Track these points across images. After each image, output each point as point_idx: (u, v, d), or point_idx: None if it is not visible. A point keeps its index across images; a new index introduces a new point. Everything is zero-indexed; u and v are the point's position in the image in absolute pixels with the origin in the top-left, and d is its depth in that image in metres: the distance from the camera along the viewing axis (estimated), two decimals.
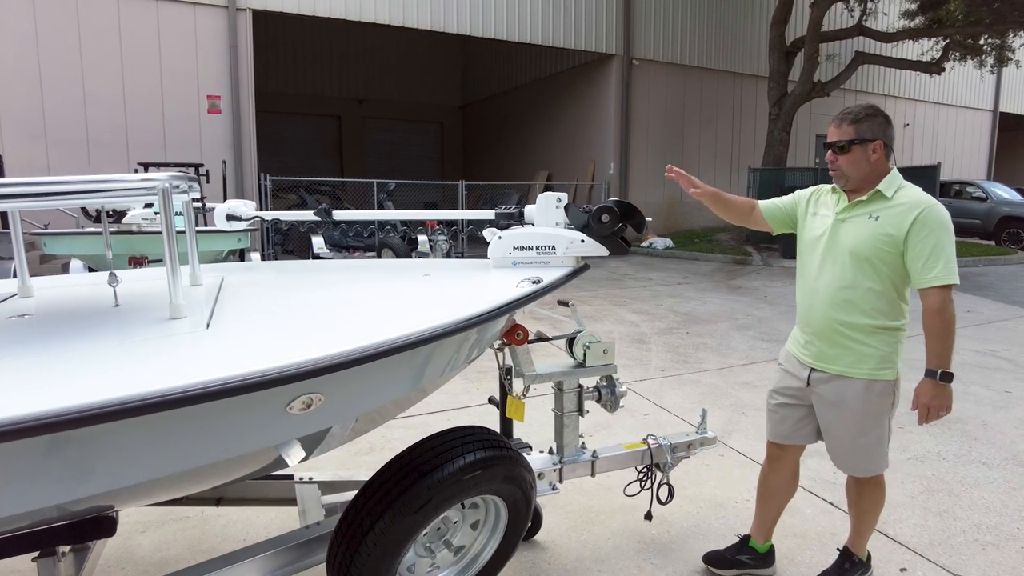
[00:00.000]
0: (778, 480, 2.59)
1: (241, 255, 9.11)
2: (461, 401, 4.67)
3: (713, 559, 2.65)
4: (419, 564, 2.01)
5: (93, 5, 11.02)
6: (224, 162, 10.98)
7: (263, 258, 12.30)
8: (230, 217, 2.75)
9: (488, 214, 2.58)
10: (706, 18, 16.91)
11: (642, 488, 2.82)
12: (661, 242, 15.56)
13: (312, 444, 1.86)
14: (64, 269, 7.64)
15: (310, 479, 2.48)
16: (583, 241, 2.31)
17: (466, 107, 24.52)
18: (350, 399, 1.55)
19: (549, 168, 18.31)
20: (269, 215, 2.78)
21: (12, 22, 10.60)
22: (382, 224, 12.30)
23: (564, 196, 2.44)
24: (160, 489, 1.78)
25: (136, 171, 9.98)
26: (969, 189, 16.85)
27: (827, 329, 2.27)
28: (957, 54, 16.01)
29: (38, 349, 1.53)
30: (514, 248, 2.37)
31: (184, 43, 11.65)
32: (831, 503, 3.21)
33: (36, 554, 1.89)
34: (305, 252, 11.02)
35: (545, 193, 2.41)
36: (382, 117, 23.45)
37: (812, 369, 2.34)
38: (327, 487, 2.49)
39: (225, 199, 10.91)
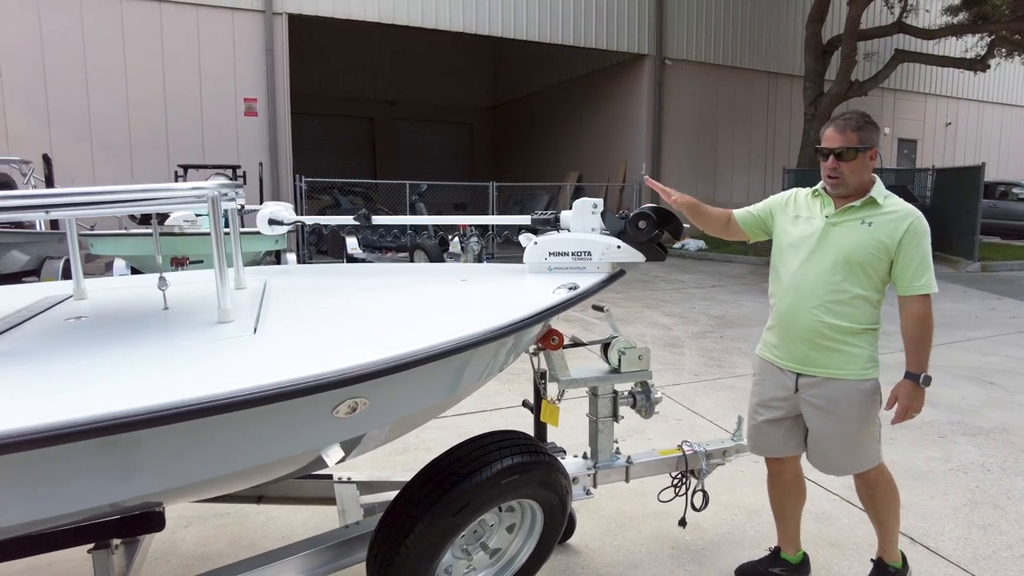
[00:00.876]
0: (783, 491, 2.58)
1: (277, 256, 9.29)
2: (494, 403, 4.70)
3: (747, 572, 2.63)
4: (456, 566, 2.04)
5: (137, 12, 11.35)
6: (260, 164, 11.20)
7: (298, 259, 12.52)
8: (272, 222, 2.82)
9: (524, 219, 2.60)
10: (740, 17, 16.69)
11: (676, 494, 2.82)
12: (693, 243, 15.40)
13: (351, 445, 1.90)
14: (108, 268, 7.89)
15: (348, 479, 2.53)
16: (619, 247, 2.32)
17: (496, 108, 24.59)
18: (393, 402, 1.59)
19: (580, 169, 18.26)
20: (310, 220, 2.84)
21: (61, 30, 10.97)
22: (415, 226, 12.41)
23: (600, 202, 2.45)
24: (208, 487, 1.84)
25: (175, 173, 10.27)
26: (1015, 190, 16.33)
27: (814, 332, 2.26)
28: (1003, 50, 15.53)
29: (94, 351, 1.60)
30: (550, 253, 2.38)
31: (222, 47, 11.92)
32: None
33: (91, 546, 1.97)
34: (339, 253, 11.17)
35: (581, 199, 2.42)
36: (413, 118, 23.66)
37: (799, 374, 2.33)
38: (364, 487, 2.54)
39: (261, 201, 11.14)
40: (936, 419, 4.45)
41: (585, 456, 2.67)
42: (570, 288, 2.11)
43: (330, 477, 2.55)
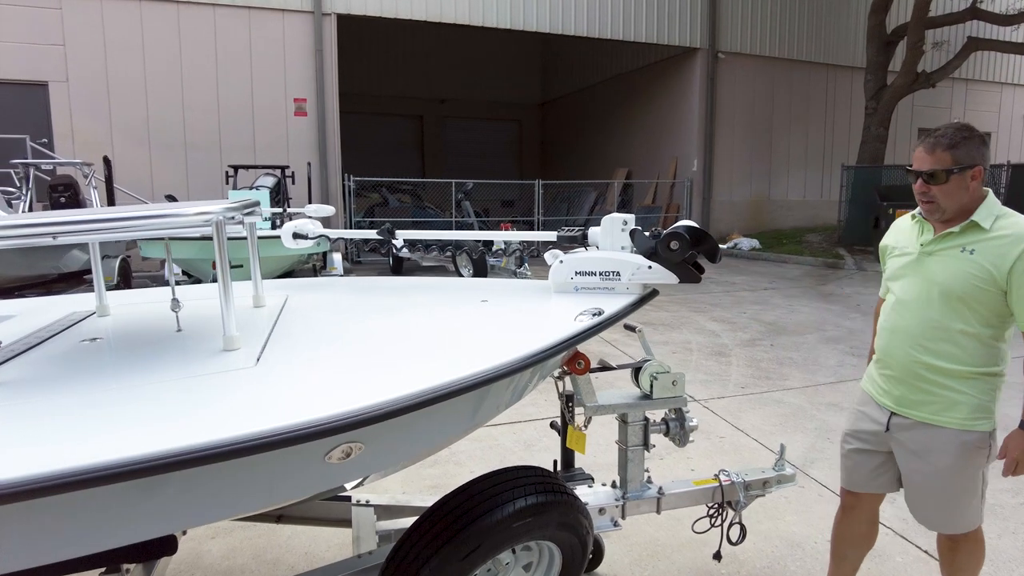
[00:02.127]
0: (853, 531, 2.37)
1: (324, 257, 9.41)
2: (528, 413, 4.59)
3: None
4: None
5: (192, 16, 11.67)
6: (309, 164, 11.38)
7: (345, 257, 12.68)
8: (296, 235, 2.78)
9: (550, 236, 2.47)
10: (797, 7, 16.04)
11: (712, 525, 2.65)
12: (747, 243, 14.94)
13: (364, 475, 1.83)
14: (161, 266, 8.13)
15: (367, 502, 2.46)
16: (650, 267, 2.16)
17: (545, 105, 24.41)
18: (392, 446, 1.50)
19: (629, 166, 17.93)
20: (335, 234, 2.79)
21: (123, 37, 11.38)
22: (459, 224, 12.39)
23: (631, 218, 2.30)
24: (215, 518, 1.79)
25: (226, 173, 10.51)
26: None
27: (909, 372, 2.05)
28: None
29: (100, 383, 1.56)
30: (576, 273, 2.25)
31: (273, 48, 12.15)
32: (927, 552, 2.91)
33: (103, 570, 1.95)
34: (388, 251, 11.26)
35: (611, 215, 2.28)
36: (462, 116, 23.71)
37: (892, 413, 2.12)
38: (384, 511, 2.47)
39: (310, 200, 11.31)
40: None
41: (614, 485, 2.53)
42: (594, 314, 1.97)
43: (349, 499, 2.49)
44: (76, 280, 8.16)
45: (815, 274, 11.89)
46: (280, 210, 7.53)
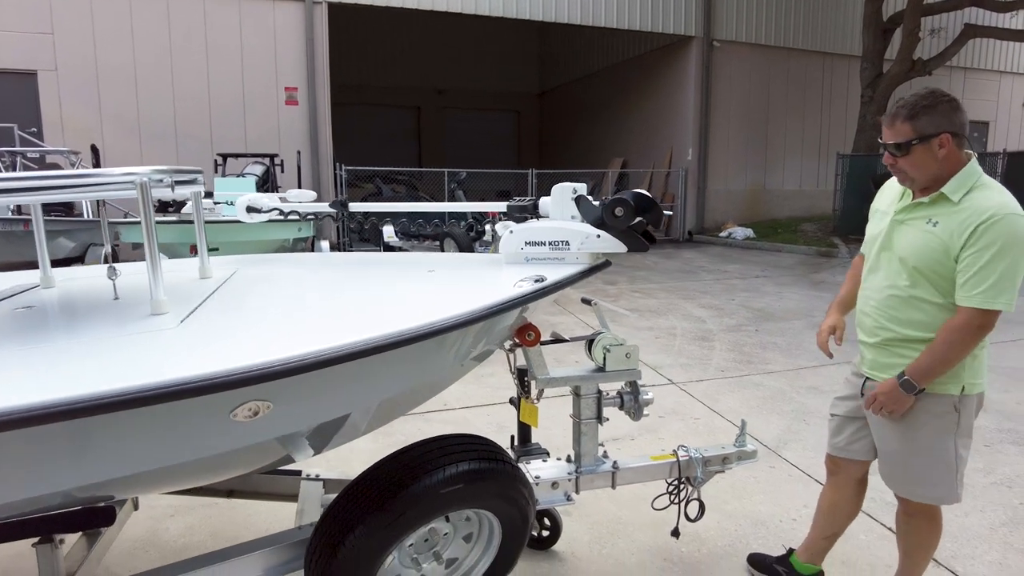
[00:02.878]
0: (835, 498, 2.38)
1: (312, 244, 9.37)
2: (503, 396, 4.55)
3: (755, 561, 2.55)
4: (405, 575, 1.91)
5: (182, 4, 11.60)
6: (298, 152, 11.32)
7: (338, 246, 12.65)
8: (250, 209, 2.75)
9: (500, 206, 2.43)
10: None
11: (671, 502, 2.62)
12: (741, 232, 14.86)
13: (319, 440, 1.80)
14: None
15: (316, 476, 2.44)
16: (599, 236, 2.13)
17: (543, 94, 24.30)
18: (304, 407, 1.46)
19: (625, 155, 17.84)
20: (288, 207, 2.75)
21: (112, 25, 11.31)
22: (451, 214, 12.34)
23: (581, 187, 2.26)
24: (148, 484, 1.77)
25: (215, 162, 10.47)
26: None
27: (878, 337, 2.06)
28: None
29: (14, 344, 1.54)
30: (526, 243, 2.21)
31: (263, 38, 12.07)
32: (892, 529, 2.87)
33: (36, 540, 1.93)
34: (379, 241, 11.22)
35: (560, 184, 2.24)
36: (460, 106, 23.61)
37: (866, 378, 2.14)
38: (335, 485, 2.44)
39: (300, 188, 11.27)
40: (984, 424, 4.07)
41: (569, 459, 2.50)
42: (536, 280, 1.94)
43: (299, 473, 2.46)
44: (63, 267, 8.14)
45: (808, 263, 11.83)
46: (276, 195, 7.50)
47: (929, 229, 1.89)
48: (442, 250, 10.77)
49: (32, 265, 2.60)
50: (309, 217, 2.67)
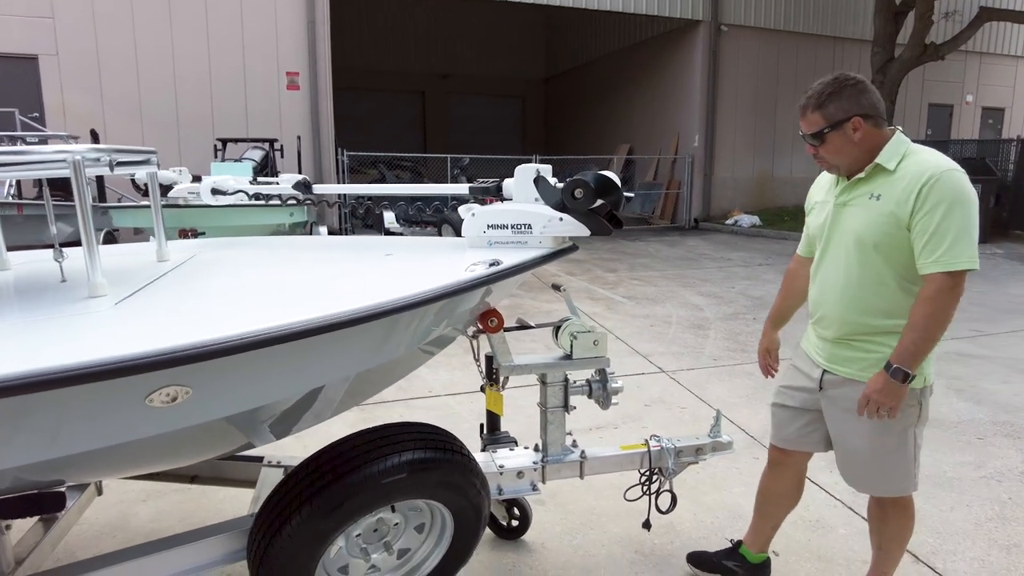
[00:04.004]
0: (778, 488, 2.32)
1: (310, 229, 9.33)
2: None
3: (697, 560, 2.44)
4: (354, 565, 1.87)
5: None
6: (299, 137, 11.26)
7: (340, 231, 12.61)
8: (215, 191, 2.70)
9: (462, 189, 2.36)
10: None
11: (643, 493, 2.56)
12: (747, 219, 14.69)
13: (281, 427, 1.75)
14: (135, 234, 8.14)
15: (278, 463, 2.40)
16: (561, 219, 2.06)
17: (549, 80, 24.06)
18: (226, 394, 1.40)
19: (631, 141, 17.65)
20: (252, 189, 2.70)
21: (113, 9, 11.25)
22: (453, 198, 12.26)
23: (545, 168, 2.18)
24: (90, 469, 1.73)
25: (215, 147, 10.43)
26: None
27: (839, 329, 1.97)
28: None
29: None
30: (488, 226, 2.15)
31: (264, 21, 11.98)
32: None
33: None
34: (381, 226, 11.17)
35: (523, 165, 2.17)
36: (465, 92, 23.42)
37: (825, 371, 2.04)
38: None
39: (300, 174, 11.22)
40: (978, 418, 3.98)
41: (536, 448, 2.44)
42: (491, 264, 1.87)
43: (261, 459, 2.42)
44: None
45: None
46: (268, 180, 7.43)
47: (874, 204, 1.85)
48: (440, 235, 10.72)
49: (27, 248, 2.57)
50: (274, 202, 2.60)
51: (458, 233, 8.31)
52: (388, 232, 11.02)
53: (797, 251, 2.30)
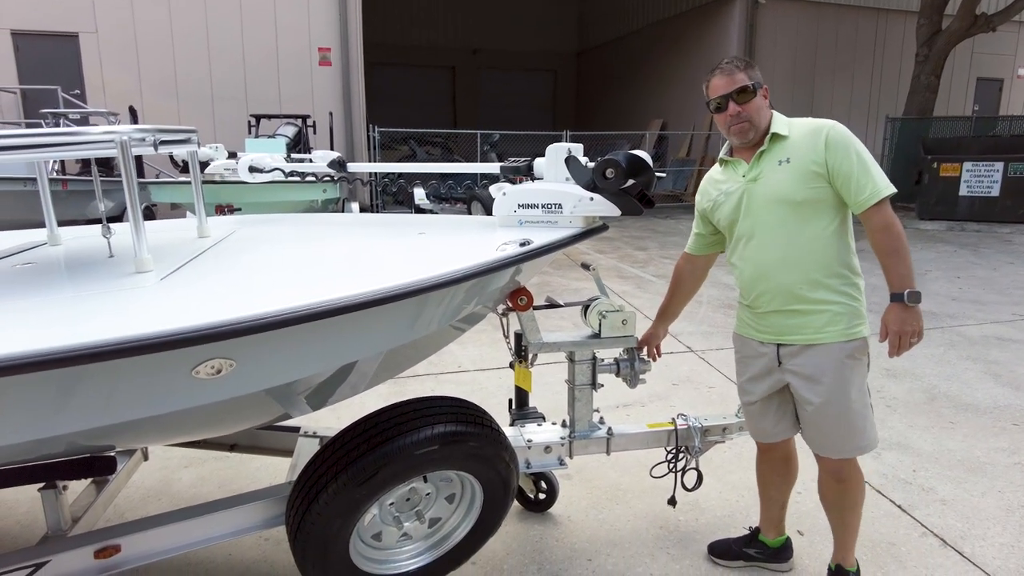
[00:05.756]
0: (771, 471, 2.36)
1: (342, 205, 9.45)
2: None
3: (719, 550, 2.44)
4: (387, 532, 1.94)
5: None
6: (331, 114, 11.34)
7: (371, 208, 12.73)
8: (252, 169, 2.76)
9: (493, 168, 2.38)
10: None
11: (669, 470, 2.59)
12: None
13: (318, 399, 1.82)
14: (172, 209, 8.35)
15: (314, 433, 2.48)
16: (592, 199, 2.06)
17: (581, 54, 23.72)
18: (268, 367, 1.47)
19: (664, 117, 17.37)
20: (289, 167, 2.75)
21: None
22: (483, 175, 12.25)
23: (577, 147, 2.19)
24: (137, 436, 1.82)
25: (248, 123, 10.57)
26: None
27: (784, 300, 2.01)
28: None
29: (12, 298, 1.58)
30: (519, 206, 2.16)
31: None
32: (900, 507, 2.80)
33: (41, 486, 2.02)
34: (412, 203, 11.25)
35: (555, 144, 2.17)
36: (496, 67, 23.23)
37: (778, 345, 2.06)
38: None
39: (332, 150, 11.33)
40: (1015, 403, 3.90)
41: (564, 424, 2.49)
42: (521, 244, 1.90)
43: (298, 430, 2.51)
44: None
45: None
46: (301, 156, 7.51)
47: (786, 167, 1.96)
48: (469, 212, 10.76)
49: (72, 224, 2.67)
50: (309, 179, 2.65)
51: (487, 211, 8.36)
52: (418, 208, 11.09)
53: (686, 250, 2.39)
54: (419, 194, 11.36)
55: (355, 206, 9.28)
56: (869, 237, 1.94)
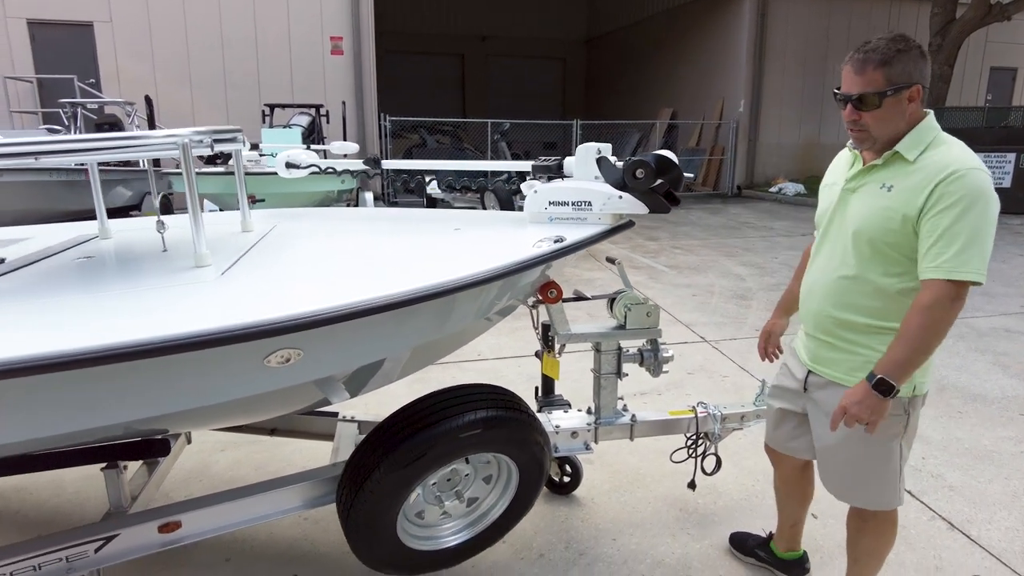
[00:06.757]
0: (783, 485, 2.30)
1: (357, 195, 9.56)
2: (533, 348, 4.66)
3: (737, 541, 2.51)
4: (429, 511, 2.07)
5: None
6: (343, 103, 11.41)
7: (382, 197, 12.83)
8: (289, 165, 2.86)
9: (524, 166, 2.48)
10: None
11: (689, 456, 2.71)
12: (791, 187, 14.43)
13: (355, 385, 1.94)
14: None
15: (352, 418, 2.60)
16: (621, 197, 2.16)
17: (591, 41, 23.65)
18: (332, 355, 1.59)
19: (674, 106, 17.36)
20: (324, 163, 2.85)
21: None
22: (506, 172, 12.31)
23: (606, 147, 2.28)
24: (196, 420, 1.95)
25: (263, 112, 10.65)
26: None
27: (822, 326, 1.86)
28: None
29: (79, 292, 1.70)
30: (550, 203, 2.26)
31: None
32: (910, 492, 2.91)
33: (103, 465, 2.15)
34: (423, 193, 11.34)
35: (585, 144, 2.27)
36: (505, 54, 23.20)
37: (809, 371, 1.95)
38: (369, 426, 2.60)
39: (345, 140, 11.41)
40: (1022, 394, 4.00)
41: (589, 411, 2.60)
42: (555, 241, 2.00)
43: (336, 415, 2.63)
44: (122, 216, 8.57)
45: None
46: (319, 148, 7.60)
47: (883, 195, 1.68)
48: (483, 204, 10.84)
49: (90, 213, 2.79)
50: (329, 171, 2.76)
51: (502, 204, 8.42)
52: (430, 198, 11.17)
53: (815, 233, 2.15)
54: (432, 185, 11.44)
55: (369, 195, 9.39)
56: (910, 306, 1.63)
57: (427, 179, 11.12)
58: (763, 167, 15.48)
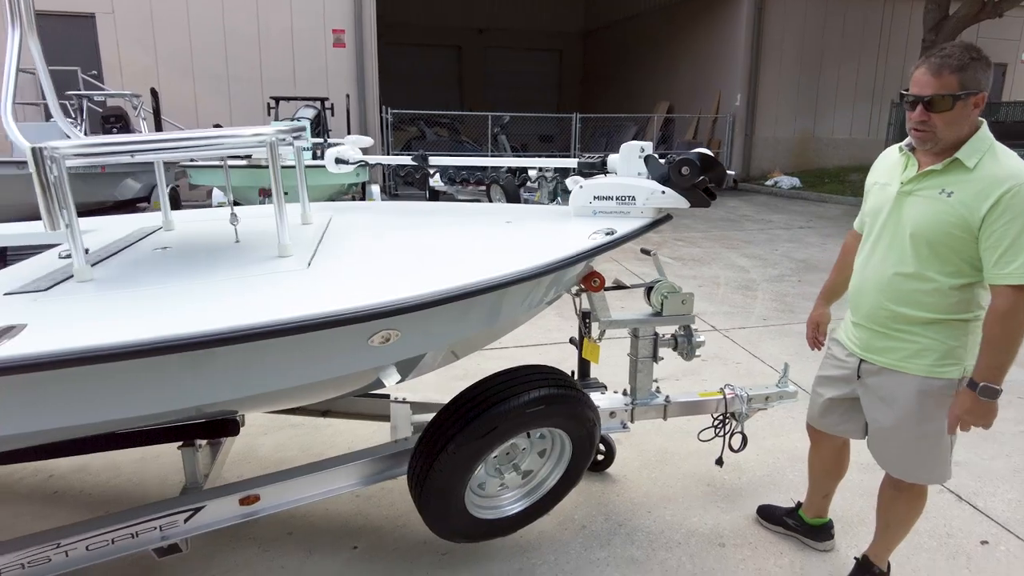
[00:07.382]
0: (819, 462, 2.49)
1: (363, 188, 9.66)
2: (553, 337, 4.84)
3: (765, 512, 2.69)
4: (489, 483, 2.23)
5: None
6: (348, 96, 11.48)
7: (383, 190, 12.92)
8: (339, 161, 3.00)
9: (571, 162, 2.64)
10: None
11: (716, 435, 2.88)
12: (787, 181, 14.66)
13: (406, 368, 2.10)
14: (208, 196, 8.54)
15: (403, 399, 2.76)
16: (663, 192, 2.32)
17: (588, 34, 23.72)
18: (424, 335, 1.75)
19: (671, 99, 17.52)
20: (373, 159, 3.00)
21: None
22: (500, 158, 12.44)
23: (648, 146, 2.44)
24: (271, 400, 2.10)
25: (268, 105, 10.70)
26: None
27: (877, 318, 1.99)
28: None
29: (177, 279, 1.85)
30: (595, 198, 2.42)
31: None
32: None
33: (180, 444, 2.30)
34: (424, 185, 11.45)
35: (629, 143, 2.43)
36: (502, 46, 23.23)
37: (862, 360, 2.08)
38: (418, 407, 2.76)
39: (349, 132, 11.50)
40: (1021, 379, 4.21)
41: (625, 393, 2.77)
42: (607, 233, 2.16)
43: (387, 396, 2.79)
44: (130, 208, 8.64)
45: (854, 214, 11.51)
46: (321, 140, 7.69)
47: (944, 199, 1.78)
48: (488, 197, 10.97)
49: (101, 206, 2.90)
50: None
51: (507, 195, 8.53)
52: (433, 191, 11.29)
53: (854, 226, 2.31)
54: (435, 177, 11.56)
55: (375, 188, 9.50)
56: (987, 313, 1.78)
57: (431, 171, 11.23)
58: (759, 160, 15.69)
